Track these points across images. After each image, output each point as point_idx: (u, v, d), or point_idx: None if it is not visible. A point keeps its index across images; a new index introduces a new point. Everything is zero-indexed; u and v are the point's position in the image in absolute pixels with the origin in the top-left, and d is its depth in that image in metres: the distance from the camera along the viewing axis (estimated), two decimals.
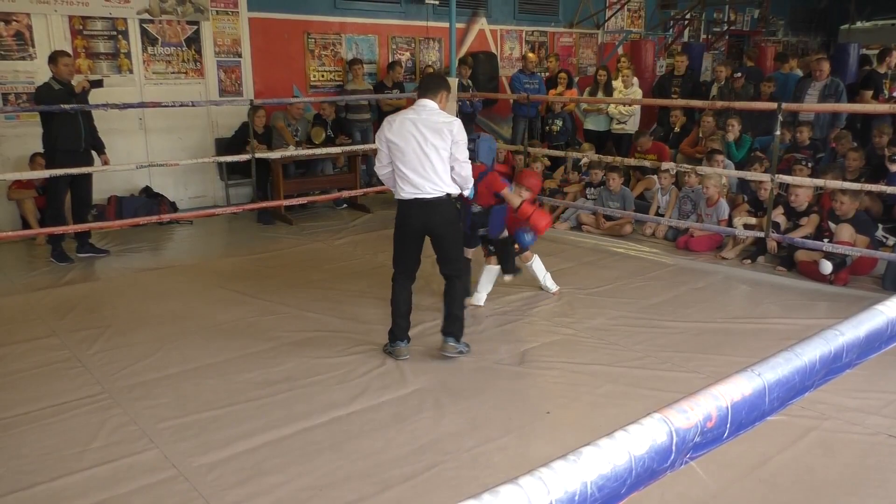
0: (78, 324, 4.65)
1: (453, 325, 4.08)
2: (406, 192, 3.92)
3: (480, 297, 4.99)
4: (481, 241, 4.91)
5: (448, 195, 3.94)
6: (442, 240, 4.02)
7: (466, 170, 3.96)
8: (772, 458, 3.02)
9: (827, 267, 5.27)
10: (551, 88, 9.65)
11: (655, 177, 7.40)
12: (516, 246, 4.94)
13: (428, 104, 3.94)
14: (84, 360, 4.06)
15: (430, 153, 3.83)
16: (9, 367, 3.99)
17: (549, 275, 5.24)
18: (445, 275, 4.11)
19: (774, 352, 0.92)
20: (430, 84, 4.06)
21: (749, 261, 6.01)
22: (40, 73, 6.49)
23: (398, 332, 4.12)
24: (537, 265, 5.19)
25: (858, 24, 13.42)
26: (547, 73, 10.16)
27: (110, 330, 4.52)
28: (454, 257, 4.09)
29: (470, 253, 4.88)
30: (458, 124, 3.90)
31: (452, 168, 3.92)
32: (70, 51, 6.93)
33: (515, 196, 4.56)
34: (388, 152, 3.93)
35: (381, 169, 4.04)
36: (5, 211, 7.00)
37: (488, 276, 5.00)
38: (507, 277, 5.06)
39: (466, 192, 4.12)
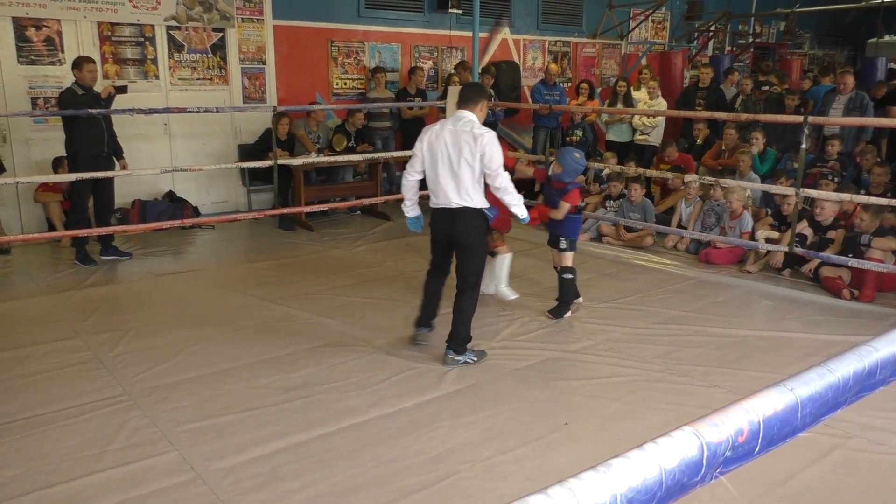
0: (100, 326, 4.70)
1: (454, 339, 4.08)
2: (433, 202, 4.04)
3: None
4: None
5: (472, 208, 3.94)
6: (460, 251, 4.07)
7: (501, 180, 3.92)
8: (795, 476, 2.96)
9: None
10: (573, 99, 9.64)
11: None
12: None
13: (465, 115, 3.97)
14: (105, 362, 4.10)
15: (460, 165, 3.86)
16: (31, 367, 4.03)
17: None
18: (457, 286, 4.13)
19: (799, 368, 0.90)
20: (469, 94, 4.05)
21: (784, 270, 5.96)
22: (69, 78, 6.57)
23: (422, 318, 4.33)
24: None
25: (886, 37, 13.23)
26: (569, 84, 10.14)
27: (132, 332, 4.56)
28: (469, 270, 4.06)
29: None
30: (488, 136, 3.86)
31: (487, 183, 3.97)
32: (98, 56, 7.04)
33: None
34: (422, 161, 4.02)
35: (411, 176, 4.12)
36: (31, 213, 7.11)
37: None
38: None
39: (493, 213, 4.07)
